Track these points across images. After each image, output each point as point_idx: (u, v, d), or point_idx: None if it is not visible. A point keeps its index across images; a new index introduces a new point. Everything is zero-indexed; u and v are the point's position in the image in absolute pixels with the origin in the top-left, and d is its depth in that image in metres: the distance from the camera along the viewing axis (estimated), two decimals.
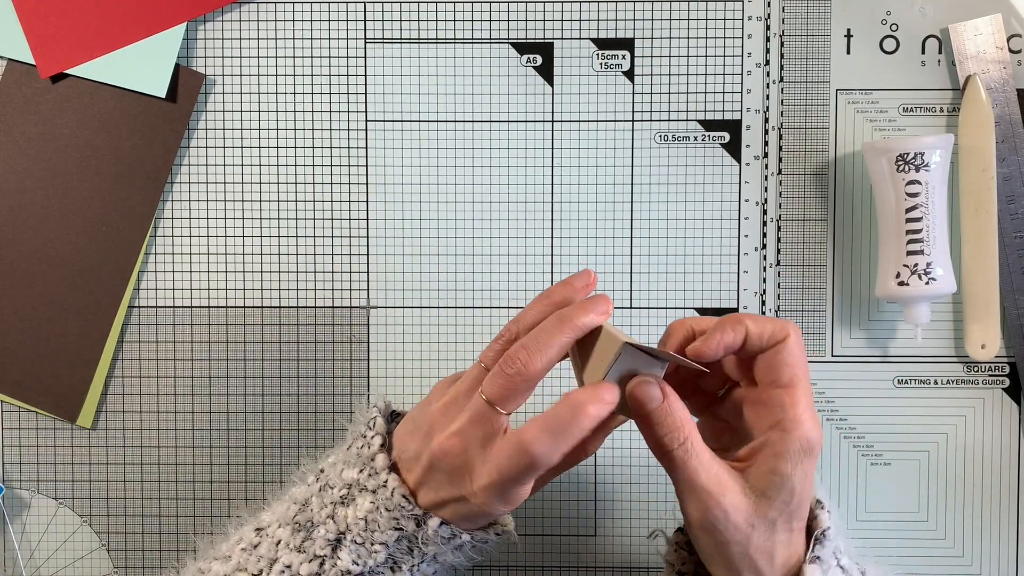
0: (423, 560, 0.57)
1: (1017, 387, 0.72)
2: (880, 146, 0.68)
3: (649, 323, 0.72)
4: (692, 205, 0.72)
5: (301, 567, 0.56)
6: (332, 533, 0.57)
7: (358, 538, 0.56)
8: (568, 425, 0.52)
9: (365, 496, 0.56)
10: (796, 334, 0.55)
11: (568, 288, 0.56)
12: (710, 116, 0.72)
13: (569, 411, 0.52)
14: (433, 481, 0.55)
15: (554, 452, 0.52)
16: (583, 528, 0.73)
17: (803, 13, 0.71)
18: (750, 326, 0.54)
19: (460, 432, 0.54)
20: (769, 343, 0.54)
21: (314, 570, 0.56)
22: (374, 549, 0.56)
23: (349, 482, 0.57)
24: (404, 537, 0.56)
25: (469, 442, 0.54)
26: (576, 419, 0.52)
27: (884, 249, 0.69)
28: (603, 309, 0.54)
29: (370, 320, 0.72)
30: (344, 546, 0.56)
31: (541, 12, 0.71)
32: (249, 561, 0.57)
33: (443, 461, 0.54)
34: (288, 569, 0.57)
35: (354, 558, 0.56)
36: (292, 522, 0.58)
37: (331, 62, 0.72)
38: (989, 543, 0.72)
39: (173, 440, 0.73)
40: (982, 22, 0.70)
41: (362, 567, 0.56)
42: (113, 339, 0.72)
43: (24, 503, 0.73)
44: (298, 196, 0.72)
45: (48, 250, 0.72)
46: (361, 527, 0.56)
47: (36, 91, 0.71)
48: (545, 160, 0.72)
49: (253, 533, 0.59)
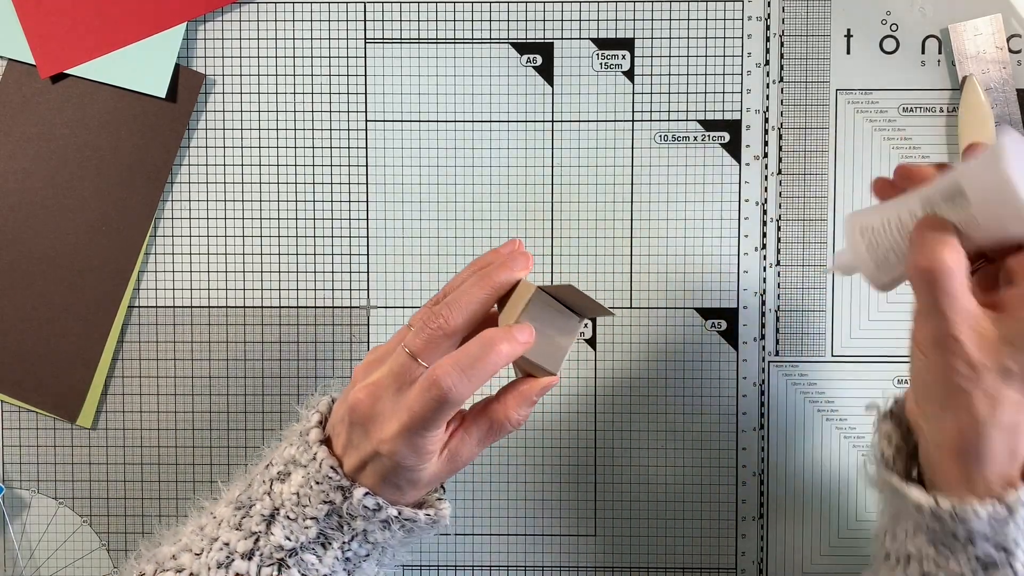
0: (353, 537, 0.57)
1: None
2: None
3: (649, 323, 0.72)
4: (692, 205, 0.72)
5: (238, 544, 0.57)
6: (267, 509, 0.57)
7: (291, 513, 0.57)
8: (478, 359, 0.53)
9: (299, 471, 0.57)
10: None
11: (494, 254, 0.58)
12: (710, 116, 0.72)
13: (480, 347, 0.54)
14: (354, 438, 0.56)
15: (464, 387, 0.53)
16: (583, 528, 0.73)
17: (803, 13, 0.71)
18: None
19: (376, 382, 0.55)
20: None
21: (249, 547, 0.57)
22: (305, 524, 0.57)
23: (287, 459, 0.58)
24: (334, 512, 0.57)
25: (384, 390, 0.55)
26: (486, 354, 0.53)
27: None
28: (521, 265, 0.56)
29: (370, 320, 0.72)
30: (277, 522, 0.57)
31: (541, 12, 0.71)
32: (194, 541, 0.58)
33: (357, 411, 0.55)
34: (226, 547, 0.57)
35: (287, 534, 0.57)
36: (235, 501, 0.59)
37: (331, 62, 0.72)
38: None
39: (173, 440, 0.73)
40: (982, 22, 0.70)
41: (294, 543, 0.57)
42: (113, 339, 0.72)
43: (24, 503, 0.73)
44: (298, 196, 0.72)
45: (48, 250, 0.72)
46: (293, 502, 0.57)
47: (36, 91, 0.71)
48: (545, 160, 0.72)
49: (205, 516, 0.60)
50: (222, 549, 0.57)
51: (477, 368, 0.53)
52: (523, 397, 0.57)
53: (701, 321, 0.72)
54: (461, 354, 0.54)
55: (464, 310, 0.55)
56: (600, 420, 0.72)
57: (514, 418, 0.57)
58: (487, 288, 0.56)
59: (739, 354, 0.72)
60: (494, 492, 0.73)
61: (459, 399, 0.53)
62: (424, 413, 0.54)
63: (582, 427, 0.73)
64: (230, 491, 0.60)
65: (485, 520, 0.73)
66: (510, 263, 0.56)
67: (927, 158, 0.71)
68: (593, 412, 0.73)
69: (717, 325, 0.72)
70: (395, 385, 0.55)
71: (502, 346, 0.54)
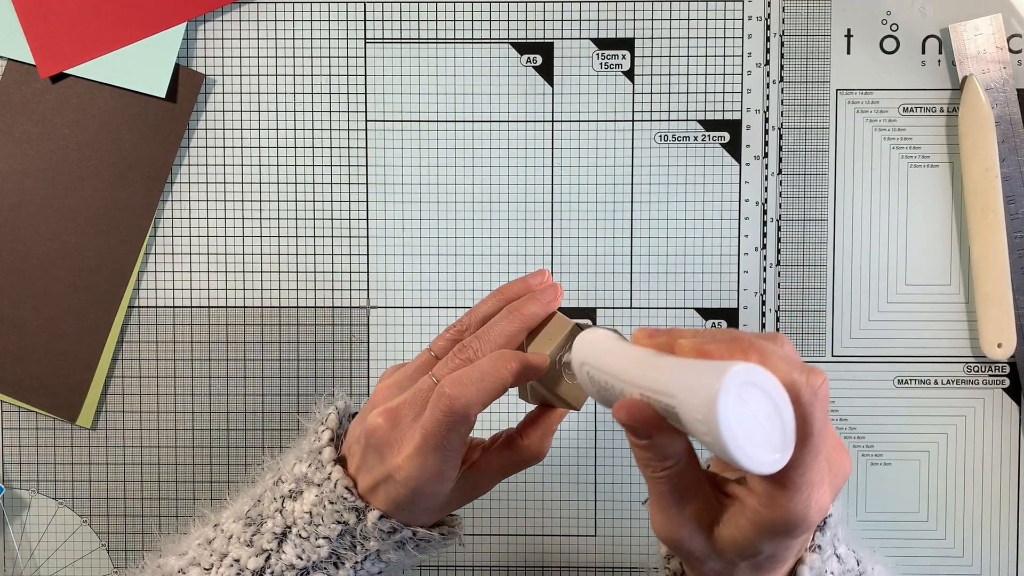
0: (366, 557, 0.57)
1: (1017, 387, 0.72)
2: None
3: (649, 323, 0.72)
4: (692, 205, 0.72)
5: (248, 561, 0.57)
6: (279, 527, 0.57)
7: (303, 532, 0.56)
8: (486, 372, 0.53)
9: (311, 490, 0.57)
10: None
11: (523, 285, 0.58)
12: (710, 116, 0.72)
13: (491, 361, 0.53)
14: (368, 461, 0.56)
15: (470, 396, 0.52)
16: (583, 528, 0.73)
17: (803, 13, 0.71)
18: None
19: (397, 407, 0.55)
20: None
21: (260, 564, 0.57)
22: (317, 544, 0.56)
23: (299, 477, 0.58)
24: (347, 532, 0.56)
25: (403, 416, 0.55)
26: (496, 370, 0.53)
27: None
28: (551, 297, 0.56)
29: (370, 320, 0.72)
30: (289, 540, 0.57)
31: (541, 12, 0.71)
32: (202, 556, 0.58)
33: (375, 435, 0.55)
34: (236, 563, 0.57)
35: (298, 553, 0.56)
36: (245, 517, 0.58)
37: (331, 62, 0.72)
38: (989, 543, 0.72)
39: (173, 440, 0.73)
40: (982, 22, 0.70)
41: (306, 562, 0.56)
42: (113, 339, 0.72)
43: (24, 503, 0.73)
44: (298, 196, 0.72)
45: (48, 250, 0.72)
46: (306, 520, 0.56)
47: (36, 91, 0.71)
48: (545, 160, 0.72)
49: (210, 529, 0.59)
50: (232, 566, 0.57)
51: (486, 381, 0.53)
52: (548, 429, 0.57)
53: (701, 321, 0.72)
54: (470, 367, 0.53)
55: (493, 343, 0.55)
56: (600, 420, 0.72)
57: (542, 449, 0.57)
58: (517, 322, 0.56)
59: None
60: (494, 492, 0.73)
61: (465, 409, 0.52)
62: (435, 428, 0.53)
63: (582, 427, 0.73)
64: (237, 504, 0.60)
65: (485, 520, 0.73)
66: (540, 296, 0.56)
67: (927, 158, 0.71)
68: (593, 412, 0.73)
69: (717, 325, 0.72)
70: (415, 412, 0.54)
71: (512, 364, 0.53)
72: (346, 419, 0.60)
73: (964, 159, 0.70)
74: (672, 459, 0.47)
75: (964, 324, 0.72)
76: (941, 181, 0.71)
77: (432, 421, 0.53)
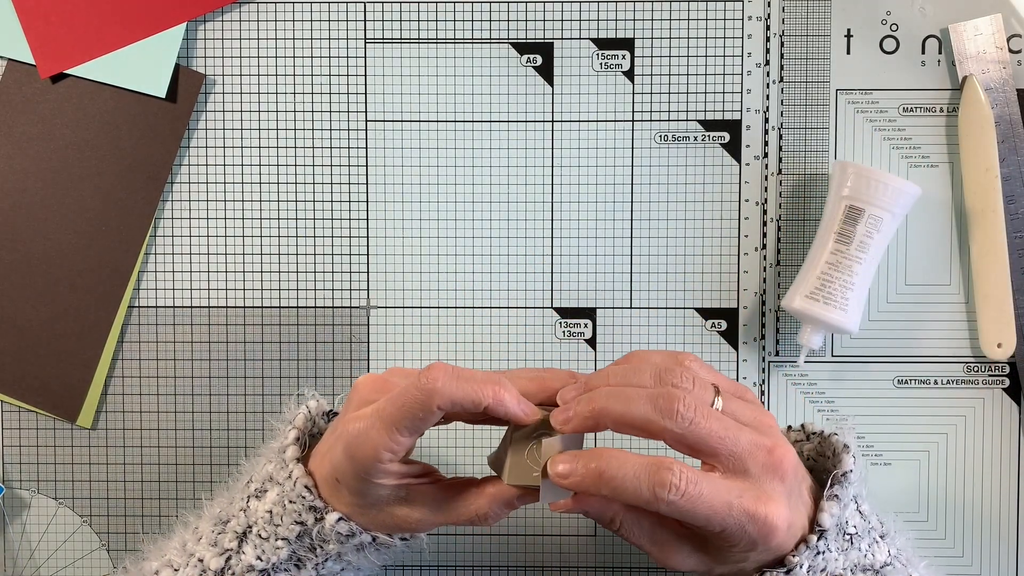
0: (327, 559, 0.57)
1: (1017, 387, 0.72)
2: (841, 177, 0.68)
3: (649, 323, 0.72)
4: (692, 205, 0.72)
5: (211, 561, 0.57)
6: (241, 526, 0.57)
7: (263, 532, 0.56)
8: (473, 378, 0.52)
9: (274, 488, 0.57)
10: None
11: (571, 380, 0.57)
12: (710, 116, 0.72)
13: (485, 375, 0.53)
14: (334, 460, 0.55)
15: (452, 390, 0.52)
16: (583, 528, 0.73)
17: (803, 13, 0.71)
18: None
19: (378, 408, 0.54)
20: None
21: (220, 565, 0.56)
22: (277, 545, 0.56)
23: (264, 476, 0.57)
24: (306, 533, 0.56)
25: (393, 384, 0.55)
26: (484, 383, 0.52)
27: (812, 257, 0.69)
28: (561, 420, 0.55)
29: (370, 320, 0.72)
30: (249, 540, 0.56)
31: (541, 12, 0.71)
32: (174, 558, 0.58)
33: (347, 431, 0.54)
34: (200, 563, 0.57)
35: (258, 554, 0.56)
36: (215, 516, 0.58)
37: (331, 62, 0.72)
38: (989, 543, 0.72)
39: (173, 440, 0.73)
40: (982, 22, 0.70)
41: (265, 563, 0.56)
42: (113, 339, 0.72)
43: (24, 503, 0.73)
44: (298, 196, 0.72)
45: (48, 250, 0.72)
46: (266, 520, 0.56)
47: (36, 91, 0.71)
48: (545, 160, 0.72)
49: (190, 531, 0.59)
50: (196, 566, 0.57)
51: (472, 386, 0.52)
52: (506, 501, 0.56)
53: (701, 321, 0.72)
54: (462, 368, 0.53)
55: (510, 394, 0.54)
56: None
57: (491, 515, 0.56)
58: (535, 385, 0.56)
59: (739, 354, 0.72)
60: None
61: (441, 399, 0.52)
62: (403, 401, 0.52)
63: None
64: (213, 506, 0.60)
65: None
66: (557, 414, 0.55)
67: (927, 158, 0.71)
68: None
69: (717, 325, 0.72)
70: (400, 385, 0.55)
71: (499, 389, 0.53)
72: (319, 418, 0.60)
73: (964, 159, 0.70)
74: (613, 519, 0.56)
75: (964, 324, 0.72)
76: (941, 181, 0.71)
77: (405, 394, 0.52)
